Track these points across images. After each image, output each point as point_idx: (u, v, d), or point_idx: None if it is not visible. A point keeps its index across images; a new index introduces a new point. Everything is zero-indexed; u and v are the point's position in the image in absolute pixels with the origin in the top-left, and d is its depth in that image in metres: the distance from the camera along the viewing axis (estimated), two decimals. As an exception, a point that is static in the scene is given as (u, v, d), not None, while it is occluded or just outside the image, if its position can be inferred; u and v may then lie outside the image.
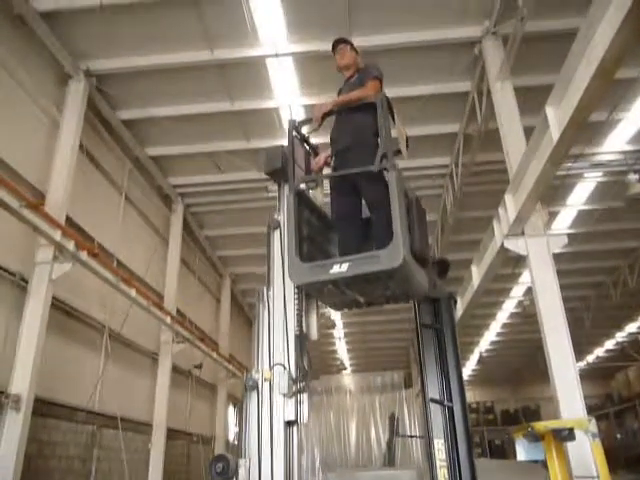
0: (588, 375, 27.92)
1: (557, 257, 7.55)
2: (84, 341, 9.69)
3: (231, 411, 18.81)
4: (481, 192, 12.08)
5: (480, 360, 25.85)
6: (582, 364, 28.05)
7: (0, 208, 6.77)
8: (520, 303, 18.99)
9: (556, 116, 5.89)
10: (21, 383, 7.16)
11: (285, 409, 3.06)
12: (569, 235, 8.37)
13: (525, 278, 16.38)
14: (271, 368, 3.15)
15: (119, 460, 10.24)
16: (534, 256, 7.34)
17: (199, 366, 14.70)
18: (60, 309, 8.78)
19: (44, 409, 8.20)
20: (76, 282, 8.87)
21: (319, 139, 4.87)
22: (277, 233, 3.69)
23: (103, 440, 10.16)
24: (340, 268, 3.10)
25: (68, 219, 8.55)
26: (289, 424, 3.06)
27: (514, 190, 7.51)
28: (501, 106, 8.35)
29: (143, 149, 11.50)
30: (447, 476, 3.76)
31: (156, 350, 12.54)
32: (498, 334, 23.82)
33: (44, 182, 8.35)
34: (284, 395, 3.08)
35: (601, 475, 3.94)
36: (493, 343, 25.07)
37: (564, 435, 3.96)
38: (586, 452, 5.85)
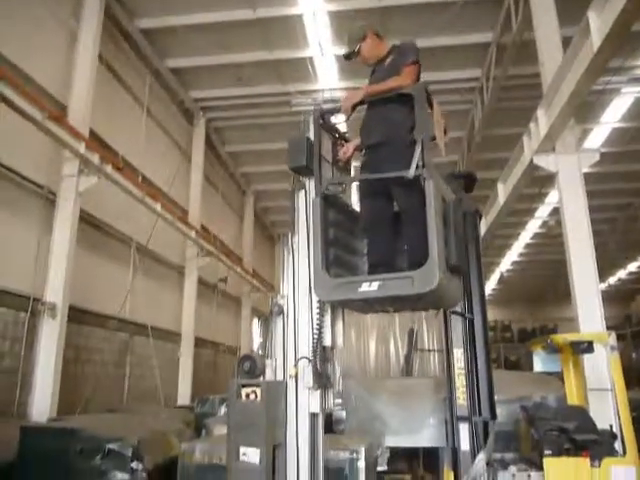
0: (608, 296, 27.94)
1: (586, 177, 7.34)
2: (113, 254, 9.98)
3: (255, 323, 19.51)
4: (511, 108, 11.61)
5: (500, 280, 25.98)
6: (603, 285, 28.10)
7: (24, 120, 6.77)
8: (545, 223, 18.76)
9: (598, 23, 5.50)
10: (55, 292, 7.51)
11: (310, 401, 3.03)
12: (600, 154, 8.09)
13: (551, 198, 16.09)
14: (296, 364, 3.08)
15: (150, 366, 10.83)
16: (564, 174, 7.15)
17: (224, 280, 15.11)
18: (89, 223, 8.99)
19: (79, 317, 8.63)
20: (103, 196, 9.00)
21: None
22: (302, 192, 3.49)
23: (135, 347, 10.72)
24: (370, 287, 2.91)
25: (92, 133, 8.53)
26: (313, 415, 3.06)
27: (547, 104, 7.19)
28: (539, 13, 7.81)
29: (163, 61, 11.21)
30: (465, 383, 3.88)
31: (182, 264, 12.89)
32: (520, 254, 23.81)
33: (66, 95, 8.27)
34: (309, 389, 3.04)
35: (617, 386, 4.02)
36: (514, 263, 25.13)
37: (583, 348, 4.02)
38: (601, 366, 5.99)
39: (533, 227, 20.12)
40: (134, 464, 4.63)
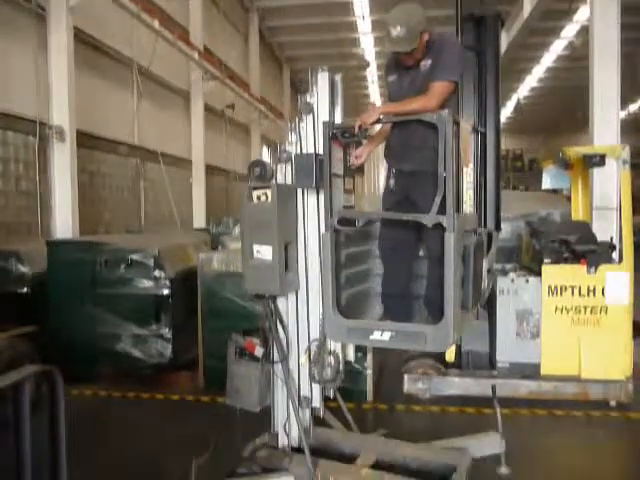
0: (628, 126, 27.21)
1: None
2: (115, 77, 9.65)
3: (265, 151, 19.49)
4: None
5: (517, 108, 25.13)
6: (623, 113, 27.16)
7: None
8: (570, 44, 17.56)
9: None
10: (60, 114, 7.44)
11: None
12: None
13: (580, 15, 14.84)
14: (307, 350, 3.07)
15: (164, 191, 11.10)
16: (599, -22, 6.49)
17: (231, 106, 14.77)
18: (86, 43, 8.55)
19: (88, 142, 8.64)
20: (98, 15, 8.46)
21: None
22: None
23: (147, 173, 10.89)
24: (381, 336, 2.82)
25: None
26: None
27: None
28: None
29: None
30: (473, 197, 3.93)
31: (187, 89, 12.50)
32: (540, 80, 22.73)
33: None
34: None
35: (623, 200, 4.07)
36: (533, 90, 24.12)
37: (595, 161, 3.98)
38: (610, 187, 6.03)
39: (557, 49, 18.89)
40: (156, 272, 4.95)
